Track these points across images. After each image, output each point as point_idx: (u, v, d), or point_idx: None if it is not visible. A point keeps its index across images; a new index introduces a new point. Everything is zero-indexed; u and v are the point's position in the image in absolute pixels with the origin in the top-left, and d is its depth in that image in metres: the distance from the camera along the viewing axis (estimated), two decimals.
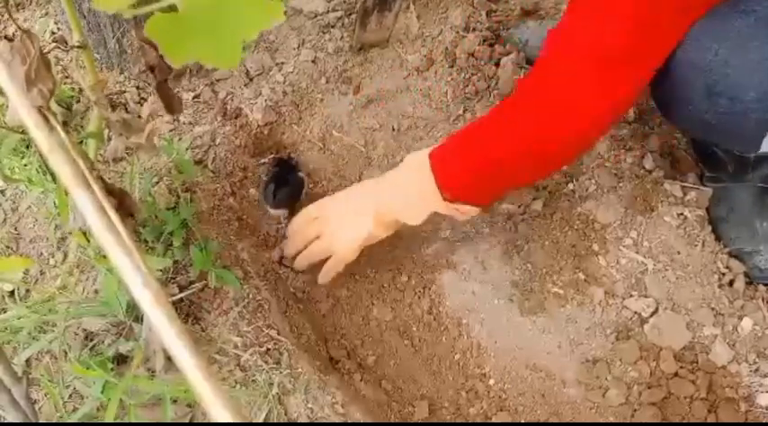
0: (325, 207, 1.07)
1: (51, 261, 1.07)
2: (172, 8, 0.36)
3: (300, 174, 1.18)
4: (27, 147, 1.12)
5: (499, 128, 0.90)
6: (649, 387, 1.03)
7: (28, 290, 1.03)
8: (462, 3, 1.33)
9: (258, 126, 1.24)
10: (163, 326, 0.25)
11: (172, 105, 0.77)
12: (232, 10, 0.36)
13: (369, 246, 1.25)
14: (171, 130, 1.21)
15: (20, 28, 0.62)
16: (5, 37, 0.63)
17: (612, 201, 1.15)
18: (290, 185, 1.16)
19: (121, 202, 0.75)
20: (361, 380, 1.06)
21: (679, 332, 1.06)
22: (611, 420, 1.02)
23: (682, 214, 1.15)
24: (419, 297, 1.17)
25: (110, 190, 0.74)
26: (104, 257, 0.94)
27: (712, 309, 1.07)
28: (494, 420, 1.05)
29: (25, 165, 1.11)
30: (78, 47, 0.76)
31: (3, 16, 1.34)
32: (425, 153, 0.96)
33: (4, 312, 1.01)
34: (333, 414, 0.94)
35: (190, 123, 1.22)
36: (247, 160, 1.23)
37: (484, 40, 1.29)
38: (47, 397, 0.94)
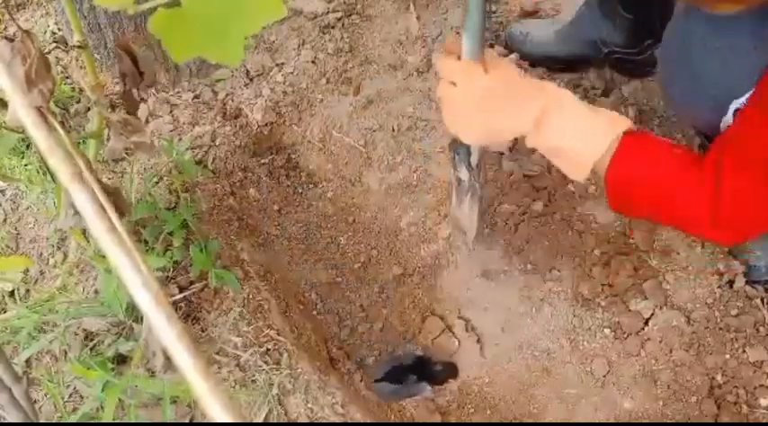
0: (498, 66, 0.82)
1: (51, 261, 1.07)
2: (175, 4, 0.36)
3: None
4: (27, 147, 1.12)
5: (675, 184, 0.79)
6: None
7: (28, 290, 1.03)
8: (462, 3, 1.33)
9: (258, 126, 1.24)
10: (163, 327, 0.25)
11: (132, 113, 0.82)
12: (234, 5, 0.36)
13: (368, 248, 1.24)
14: (171, 130, 1.21)
15: (20, 28, 0.62)
16: (6, 37, 0.63)
17: None
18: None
19: (113, 200, 0.76)
20: (361, 380, 1.06)
21: (679, 332, 1.06)
22: (612, 419, 1.02)
23: None
24: (419, 298, 1.17)
25: (103, 188, 0.75)
26: (104, 257, 0.94)
27: (712, 309, 1.07)
28: (491, 419, 1.05)
29: (25, 165, 1.12)
30: (78, 47, 0.76)
31: (3, 16, 1.34)
32: (624, 125, 0.78)
33: (4, 312, 1.01)
34: (333, 414, 0.94)
35: (190, 123, 1.22)
36: (247, 160, 1.23)
37: None
38: (47, 397, 0.94)
